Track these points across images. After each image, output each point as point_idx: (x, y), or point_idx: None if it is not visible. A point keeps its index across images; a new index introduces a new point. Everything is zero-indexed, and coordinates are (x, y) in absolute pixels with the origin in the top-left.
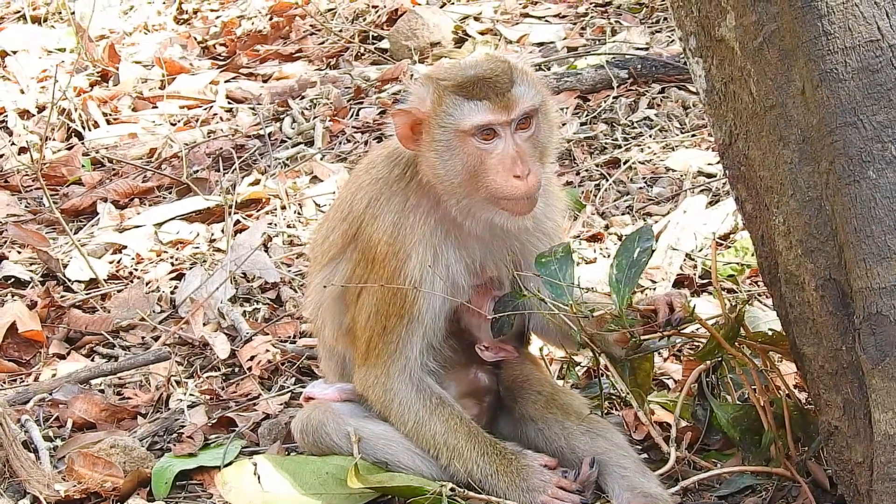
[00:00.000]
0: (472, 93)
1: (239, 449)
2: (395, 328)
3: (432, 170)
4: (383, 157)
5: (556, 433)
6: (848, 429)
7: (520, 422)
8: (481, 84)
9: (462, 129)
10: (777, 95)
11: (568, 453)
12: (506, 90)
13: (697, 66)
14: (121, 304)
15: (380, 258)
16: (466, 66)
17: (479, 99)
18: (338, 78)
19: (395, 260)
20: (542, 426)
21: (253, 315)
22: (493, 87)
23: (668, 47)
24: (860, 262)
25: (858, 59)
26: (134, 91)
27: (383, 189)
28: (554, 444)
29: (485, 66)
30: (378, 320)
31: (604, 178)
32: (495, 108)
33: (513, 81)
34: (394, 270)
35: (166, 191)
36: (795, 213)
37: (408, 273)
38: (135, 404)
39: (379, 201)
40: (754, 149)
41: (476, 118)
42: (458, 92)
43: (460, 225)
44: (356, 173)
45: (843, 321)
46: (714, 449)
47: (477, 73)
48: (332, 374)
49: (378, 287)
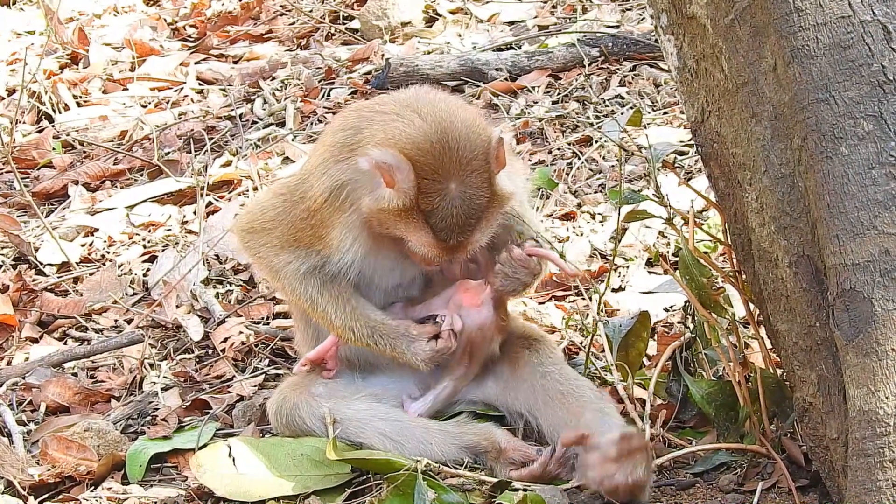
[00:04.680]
0: (437, 226)
1: (213, 431)
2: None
3: (370, 211)
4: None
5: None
6: (822, 405)
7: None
8: (450, 227)
9: (407, 241)
10: (749, 72)
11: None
12: (467, 235)
13: (669, 44)
14: (93, 287)
15: (314, 204)
16: (449, 189)
17: (439, 238)
18: (308, 58)
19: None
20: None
21: (226, 297)
22: (458, 230)
23: (638, 25)
24: (833, 238)
25: (830, 36)
26: (104, 73)
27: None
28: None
29: (462, 204)
30: (292, 233)
31: (576, 156)
32: (446, 250)
33: (478, 225)
34: (320, 221)
35: (138, 173)
36: (768, 189)
37: (330, 238)
38: (108, 387)
39: (328, 163)
40: (726, 126)
41: (425, 250)
42: (427, 217)
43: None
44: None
45: (816, 297)
46: (689, 426)
47: (452, 210)
48: (306, 348)
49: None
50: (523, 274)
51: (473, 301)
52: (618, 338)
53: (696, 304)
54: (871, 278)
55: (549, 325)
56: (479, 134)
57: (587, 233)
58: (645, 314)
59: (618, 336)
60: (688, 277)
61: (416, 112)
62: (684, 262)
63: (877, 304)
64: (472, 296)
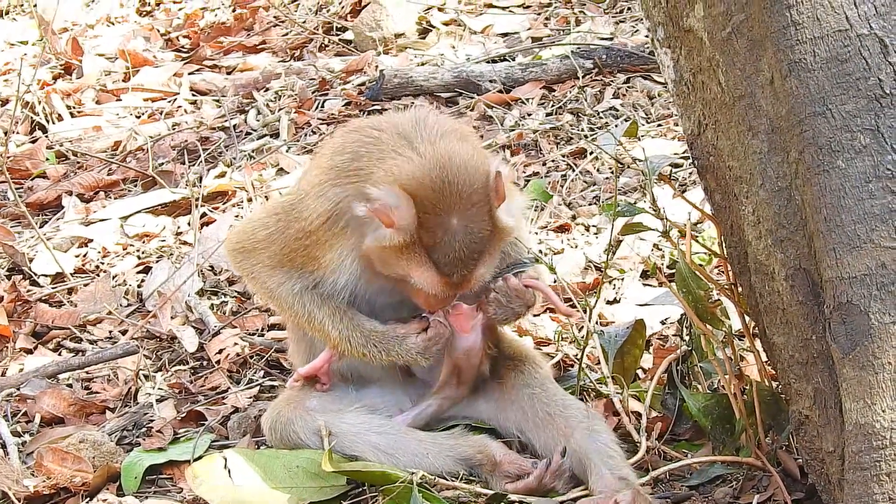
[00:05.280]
0: (440, 261)
1: (209, 443)
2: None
3: (370, 249)
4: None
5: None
6: (819, 418)
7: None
8: (454, 262)
9: (411, 278)
10: (746, 85)
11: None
12: (470, 269)
13: (666, 57)
14: (87, 298)
15: (310, 226)
16: (451, 223)
17: (443, 273)
18: (302, 69)
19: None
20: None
21: (221, 308)
22: (462, 264)
23: (632, 37)
24: (830, 251)
25: (827, 49)
26: (97, 84)
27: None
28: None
29: (465, 238)
30: (285, 253)
31: (570, 168)
32: (450, 286)
33: (481, 259)
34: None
35: (132, 184)
36: (765, 202)
37: (325, 260)
38: (103, 399)
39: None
40: (723, 139)
41: (430, 286)
42: (430, 252)
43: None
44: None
45: (813, 310)
46: (684, 438)
47: (455, 244)
48: (299, 360)
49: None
50: (517, 304)
51: (463, 326)
52: (613, 348)
53: (692, 316)
54: (867, 291)
55: (543, 337)
56: (479, 167)
57: (581, 245)
58: (640, 322)
59: (613, 346)
60: (684, 290)
61: (415, 143)
62: (681, 275)
63: (873, 317)
64: (462, 321)
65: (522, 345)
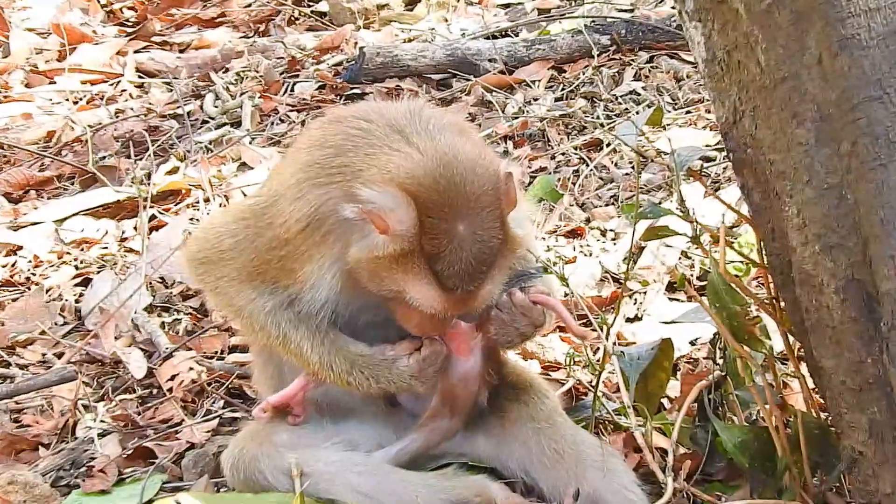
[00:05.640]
0: (443, 273)
1: (159, 485)
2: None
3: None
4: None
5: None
6: (874, 454)
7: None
8: (459, 275)
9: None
10: (789, 66)
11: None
12: (477, 284)
13: (696, 32)
14: (17, 315)
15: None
16: (458, 229)
17: (445, 288)
18: (268, 47)
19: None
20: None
21: (173, 327)
22: (468, 277)
23: (656, 8)
24: (888, 259)
25: (884, 22)
26: (27, 64)
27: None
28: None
29: (473, 247)
30: (256, 265)
31: (584, 162)
32: (453, 303)
33: (489, 273)
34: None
35: (68, 181)
36: (812, 202)
37: (303, 273)
38: (36, 433)
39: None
40: (763, 128)
41: (429, 302)
42: (432, 262)
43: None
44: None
45: (867, 328)
46: (717, 479)
47: (462, 253)
48: (266, 387)
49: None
50: (523, 323)
51: (461, 348)
52: (634, 373)
53: (726, 336)
54: None
55: (552, 361)
56: (487, 167)
57: (597, 252)
58: (667, 341)
59: (634, 371)
60: (717, 305)
61: (411, 138)
62: (713, 287)
63: None
64: (460, 341)
65: (526, 371)
